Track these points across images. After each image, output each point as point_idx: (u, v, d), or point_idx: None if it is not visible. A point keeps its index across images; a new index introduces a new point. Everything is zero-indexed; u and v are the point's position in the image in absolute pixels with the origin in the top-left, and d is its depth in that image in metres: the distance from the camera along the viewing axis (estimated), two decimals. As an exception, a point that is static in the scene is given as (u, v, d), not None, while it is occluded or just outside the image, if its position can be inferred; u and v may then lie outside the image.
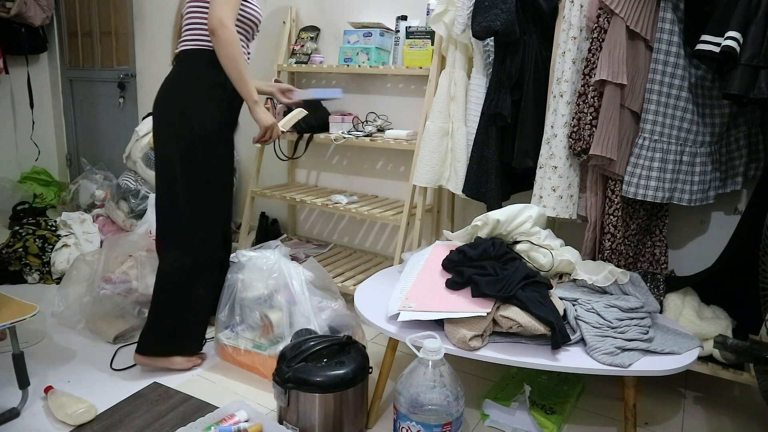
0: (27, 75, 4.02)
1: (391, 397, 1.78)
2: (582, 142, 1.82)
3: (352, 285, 2.42)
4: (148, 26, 3.63)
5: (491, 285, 1.51)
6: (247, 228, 2.85)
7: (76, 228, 2.91)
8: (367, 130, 2.57)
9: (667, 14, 1.72)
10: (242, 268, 1.99)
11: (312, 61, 2.76)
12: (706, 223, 2.09)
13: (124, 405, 1.74)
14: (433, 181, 2.22)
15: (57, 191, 4.03)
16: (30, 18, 3.77)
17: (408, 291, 1.60)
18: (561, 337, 1.44)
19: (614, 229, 1.86)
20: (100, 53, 3.98)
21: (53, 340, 2.15)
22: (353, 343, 1.66)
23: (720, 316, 1.82)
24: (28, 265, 2.72)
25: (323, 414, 1.54)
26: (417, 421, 1.44)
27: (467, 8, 1.98)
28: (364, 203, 2.60)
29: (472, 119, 2.10)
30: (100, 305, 2.14)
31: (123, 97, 3.85)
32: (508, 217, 1.70)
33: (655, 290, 1.89)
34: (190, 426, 1.55)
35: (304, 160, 3.03)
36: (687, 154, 1.80)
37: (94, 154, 4.07)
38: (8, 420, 1.64)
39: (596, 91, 1.79)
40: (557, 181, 1.90)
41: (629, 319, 1.55)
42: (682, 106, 1.77)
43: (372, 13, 2.70)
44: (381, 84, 2.75)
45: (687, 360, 1.46)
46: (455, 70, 2.13)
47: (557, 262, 1.70)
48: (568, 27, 1.85)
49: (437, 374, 1.45)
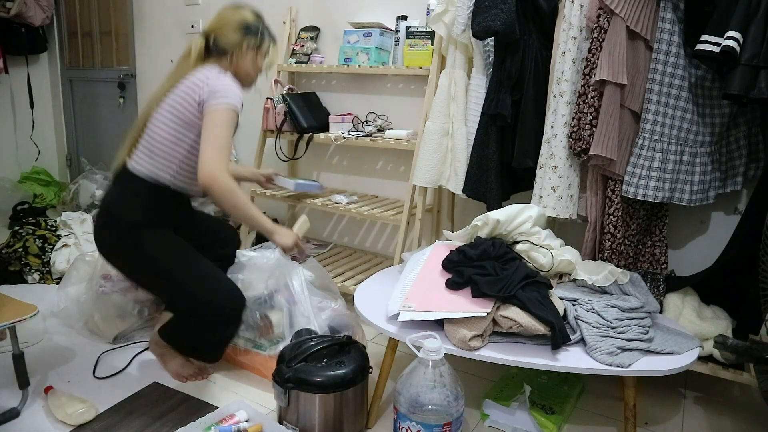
0: (27, 75, 4.02)
1: (391, 397, 1.77)
2: (582, 142, 1.82)
3: (352, 285, 2.42)
4: (148, 26, 3.63)
5: (491, 285, 1.51)
6: (247, 229, 2.85)
7: (76, 228, 2.91)
8: (367, 130, 2.57)
9: (667, 14, 1.72)
10: (242, 268, 1.99)
11: (312, 61, 2.76)
12: (706, 223, 2.09)
13: (124, 405, 1.74)
14: (433, 181, 2.22)
15: (57, 191, 4.03)
16: (30, 18, 3.77)
17: (408, 291, 1.60)
18: (561, 337, 1.44)
19: (614, 229, 1.86)
20: (100, 53, 3.98)
21: (53, 340, 2.15)
22: (353, 343, 1.66)
23: (720, 316, 1.82)
24: (28, 265, 2.72)
25: (323, 414, 1.54)
26: (417, 421, 1.44)
27: (467, 8, 1.98)
28: (364, 203, 2.60)
29: (472, 119, 2.10)
30: (100, 304, 2.14)
31: (123, 97, 3.85)
32: (508, 217, 1.70)
33: (655, 290, 1.89)
34: (190, 426, 1.55)
35: (304, 160, 3.03)
36: (687, 154, 1.80)
37: (94, 154, 4.07)
38: (8, 420, 1.64)
39: (596, 91, 1.79)
40: (557, 181, 1.90)
41: (629, 319, 1.55)
42: (682, 106, 1.77)
43: (372, 13, 2.70)
44: (381, 84, 2.75)
45: (687, 360, 1.46)
46: (455, 70, 2.13)
47: (557, 262, 1.70)
48: (568, 27, 1.85)
49: (437, 374, 1.45)
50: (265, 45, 1.84)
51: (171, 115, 1.72)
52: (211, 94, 1.67)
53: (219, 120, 1.65)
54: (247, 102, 2.23)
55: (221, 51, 1.78)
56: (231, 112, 1.67)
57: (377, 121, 2.68)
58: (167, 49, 3.55)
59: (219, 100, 1.66)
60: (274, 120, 2.69)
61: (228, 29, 1.78)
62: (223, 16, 1.80)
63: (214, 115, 1.65)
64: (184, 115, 1.70)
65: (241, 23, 1.79)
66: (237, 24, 1.78)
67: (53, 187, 4.07)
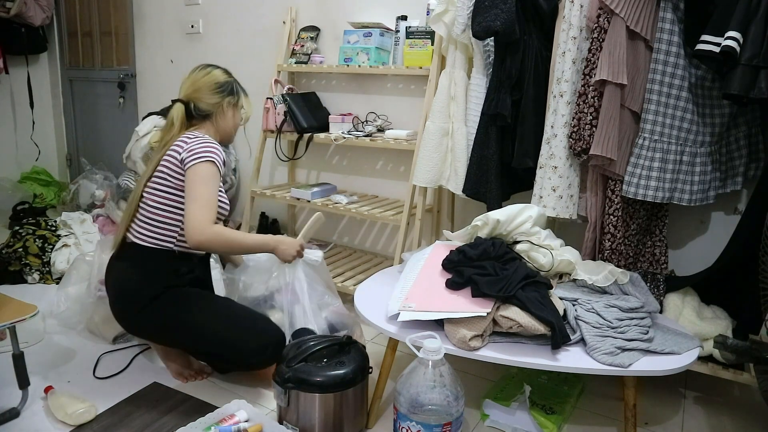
0: (27, 75, 4.02)
1: (391, 397, 1.77)
2: (582, 142, 1.82)
3: (352, 285, 2.42)
4: (148, 26, 3.63)
5: (491, 285, 1.51)
6: (247, 228, 2.85)
7: (76, 228, 2.91)
8: (367, 130, 2.57)
9: (667, 14, 1.72)
10: (243, 268, 1.99)
11: (312, 61, 2.76)
12: (706, 223, 2.09)
13: (124, 405, 1.74)
14: (433, 181, 2.21)
15: (57, 191, 4.03)
16: (30, 18, 3.77)
17: (408, 291, 1.60)
18: (561, 337, 1.44)
19: (614, 229, 1.86)
20: (100, 53, 3.98)
21: (53, 340, 2.15)
22: (353, 343, 1.66)
23: (720, 316, 1.82)
24: (28, 265, 2.72)
25: (323, 414, 1.54)
26: (417, 421, 1.44)
27: (467, 8, 1.98)
28: (364, 203, 2.60)
29: (472, 119, 2.10)
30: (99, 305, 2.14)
31: (123, 97, 3.85)
32: (508, 217, 1.70)
33: (655, 290, 1.89)
34: (190, 426, 1.55)
35: (304, 160, 3.02)
36: (687, 154, 1.80)
37: (94, 154, 4.07)
38: (8, 420, 1.64)
39: (596, 91, 1.79)
40: (557, 181, 1.90)
41: (629, 319, 1.55)
42: (682, 106, 1.77)
43: (372, 13, 2.70)
44: (381, 84, 2.75)
45: (687, 360, 1.46)
46: (455, 70, 2.13)
47: (557, 262, 1.70)
48: (568, 27, 1.85)
49: (437, 374, 1.45)
50: (240, 100, 1.92)
51: (161, 184, 1.75)
52: (189, 153, 1.70)
53: (199, 177, 1.68)
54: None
55: (204, 115, 1.84)
56: (210, 166, 1.70)
57: (377, 121, 2.68)
58: (167, 49, 3.55)
59: (197, 157, 1.69)
60: (274, 120, 2.69)
61: (204, 93, 1.82)
62: (196, 80, 1.83)
63: (193, 173, 1.69)
64: (172, 182, 1.73)
65: (215, 84, 1.84)
66: (212, 86, 1.83)
67: (53, 187, 4.07)
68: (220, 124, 1.87)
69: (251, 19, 3.11)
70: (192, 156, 1.69)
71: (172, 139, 1.78)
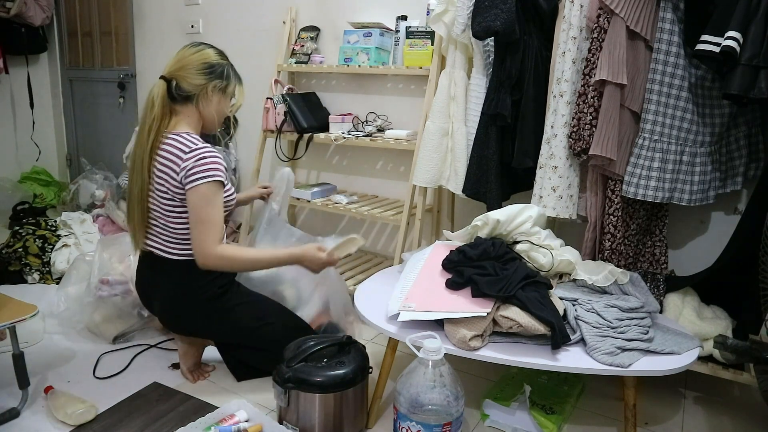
0: (27, 75, 4.02)
1: (391, 397, 1.77)
2: (582, 142, 1.82)
3: (352, 285, 2.42)
4: (148, 26, 3.63)
5: (491, 285, 1.51)
6: (248, 228, 2.85)
7: (76, 228, 2.91)
8: (367, 130, 2.57)
9: (667, 14, 1.72)
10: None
11: (312, 61, 2.76)
12: (706, 223, 2.09)
13: (124, 405, 1.74)
14: (433, 181, 2.21)
15: (57, 191, 4.03)
16: (30, 18, 3.77)
17: (408, 291, 1.60)
18: (561, 337, 1.44)
19: (614, 229, 1.86)
20: (100, 53, 3.98)
21: (53, 340, 2.15)
22: (353, 343, 1.66)
23: (720, 316, 1.82)
24: (28, 265, 2.72)
25: (323, 414, 1.54)
26: (417, 421, 1.44)
27: (467, 8, 1.98)
28: (364, 203, 2.60)
29: (472, 119, 2.10)
30: (100, 305, 2.14)
31: (123, 97, 3.85)
32: (508, 217, 1.70)
33: (655, 290, 1.89)
34: (190, 426, 1.55)
35: (305, 160, 3.02)
36: (687, 154, 1.80)
37: (94, 154, 4.07)
38: (8, 420, 1.64)
39: (596, 91, 1.79)
40: (557, 181, 1.90)
41: (629, 319, 1.55)
42: (682, 106, 1.77)
43: (372, 13, 2.70)
44: (381, 84, 2.75)
45: (687, 360, 1.46)
46: (455, 70, 2.13)
47: (557, 262, 1.70)
48: (568, 27, 1.85)
49: (437, 374, 1.45)
50: (231, 87, 1.74)
51: (167, 198, 1.67)
52: (189, 174, 1.60)
53: (205, 200, 1.61)
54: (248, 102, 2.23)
55: (185, 96, 1.67)
56: (214, 186, 1.62)
57: (377, 121, 2.68)
58: (167, 49, 3.55)
59: (198, 178, 1.60)
60: (274, 120, 2.69)
61: (190, 71, 1.66)
62: (184, 57, 1.67)
63: (196, 195, 1.61)
64: (178, 200, 1.66)
65: (203, 64, 1.67)
66: (199, 65, 1.66)
67: (53, 187, 4.07)
68: (203, 110, 1.70)
69: (251, 19, 3.11)
70: (192, 178, 1.60)
71: (154, 122, 1.64)
